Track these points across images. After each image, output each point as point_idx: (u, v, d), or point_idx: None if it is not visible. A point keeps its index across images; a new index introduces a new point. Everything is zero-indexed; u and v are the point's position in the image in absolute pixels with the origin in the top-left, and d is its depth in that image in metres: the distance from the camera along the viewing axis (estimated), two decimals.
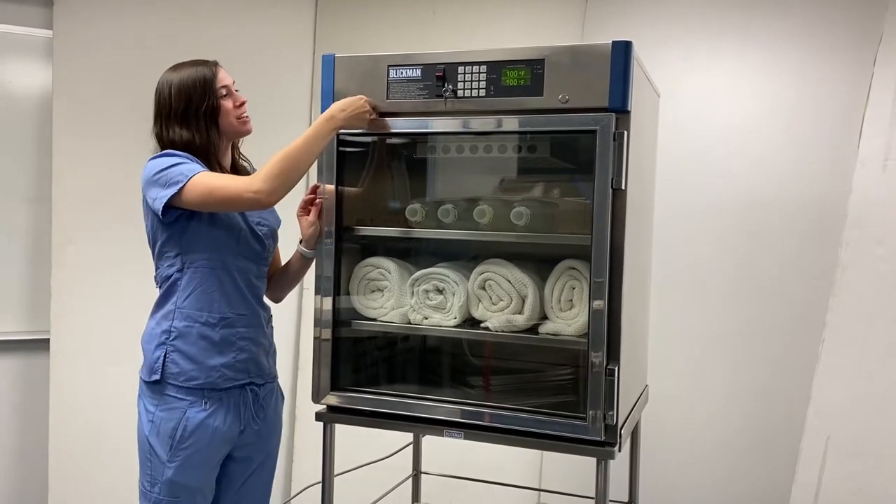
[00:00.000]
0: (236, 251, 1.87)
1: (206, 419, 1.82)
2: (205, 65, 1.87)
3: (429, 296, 2.02)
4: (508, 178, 2.14)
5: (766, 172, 2.70)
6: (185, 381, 1.82)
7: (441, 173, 2.21)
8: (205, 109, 1.83)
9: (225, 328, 1.85)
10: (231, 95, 1.88)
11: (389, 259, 2.09)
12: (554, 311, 1.94)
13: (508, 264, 1.97)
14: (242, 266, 1.89)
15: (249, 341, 1.89)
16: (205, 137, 1.85)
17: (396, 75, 1.94)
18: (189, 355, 1.82)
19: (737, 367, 2.73)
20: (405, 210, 2.05)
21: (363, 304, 2.08)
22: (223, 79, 1.88)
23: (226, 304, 1.85)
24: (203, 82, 1.84)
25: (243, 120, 1.90)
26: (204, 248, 1.84)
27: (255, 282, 1.93)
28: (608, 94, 1.75)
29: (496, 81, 1.85)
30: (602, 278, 1.76)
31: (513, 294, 1.95)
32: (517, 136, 2.00)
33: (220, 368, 1.84)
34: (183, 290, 1.84)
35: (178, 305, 1.84)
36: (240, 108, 1.89)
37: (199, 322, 1.83)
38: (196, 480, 1.83)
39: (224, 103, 1.86)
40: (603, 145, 1.75)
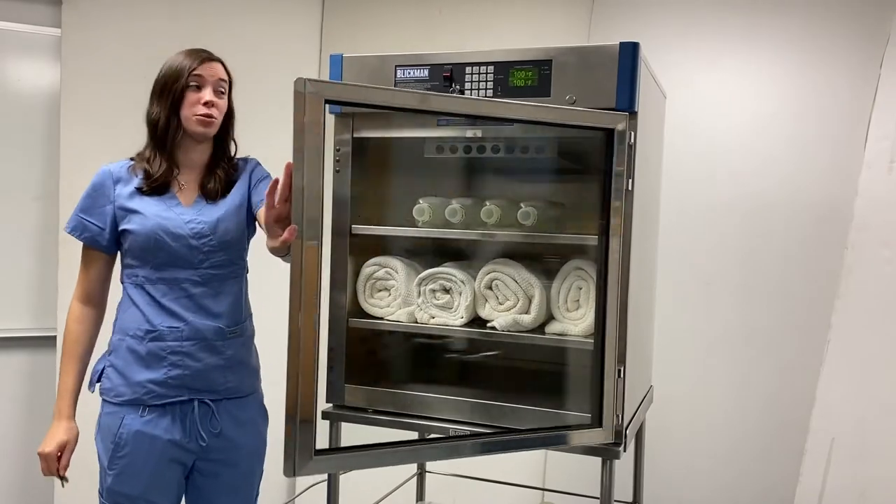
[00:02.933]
0: (159, 261, 1.76)
1: (144, 427, 1.74)
2: (197, 53, 1.79)
3: (435, 295, 2.03)
4: (515, 178, 2.14)
5: (772, 174, 2.70)
6: (114, 397, 1.77)
7: (448, 173, 2.21)
8: (171, 92, 1.76)
9: (152, 342, 1.76)
10: (201, 89, 1.77)
11: (396, 258, 2.09)
12: (561, 312, 1.94)
13: (515, 264, 1.98)
14: (171, 276, 1.77)
15: (185, 356, 1.76)
16: (165, 122, 1.77)
17: (404, 75, 1.95)
18: (118, 369, 1.78)
19: (741, 368, 2.74)
20: (412, 210, 2.06)
21: (370, 303, 2.09)
22: (203, 70, 1.76)
23: (156, 315, 1.76)
24: (180, 66, 1.77)
25: (200, 119, 1.75)
26: (128, 263, 1.80)
27: (198, 290, 1.78)
28: (616, 94, 1.76)
29: (503, 82, 1.86)
30: (608, 278, 1.76)
31: (519, 294, 1.96)
32: (523, 137, 2.00)
33: (148, 384, 1.74)
34: (122, 303, 1.82)
35: (117, 318, 1.83)
36: (203, 105, 1.75)
37: (129, 335, 1.77)
38: (135, 489, 1.75)
39: (188, 93, 1.76)
40: (610, 147, 1.75)
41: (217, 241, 1.79)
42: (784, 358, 2.69)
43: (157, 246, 1.75)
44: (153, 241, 1.75)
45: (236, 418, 1.83)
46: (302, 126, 1.44)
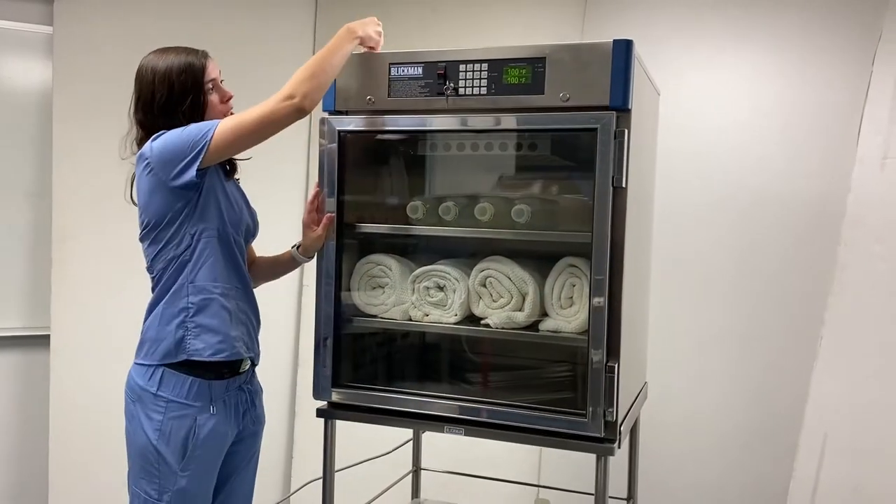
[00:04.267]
0: (238, 226, 1.83)
1: (217, 425, 1.78)
2: (194, 54, 1.78)
3: (429, 293, 2.03)
4: (509, 175, 2.15)
5: (765, 171, 2.71)
6: (211, 356, 1.74)
7: (442, 171, 2.21)
8: (190, 103, 1.75)
9: (235, 298, 1.81)
10: (217, 90, 1.81)
11: (390, 256, 2.09)
12: (554, 309, 1.95)
13: (509, 261, 1.98)
14: (240, 241, 1.85)
15: (247, 314, 1.85)
16: None
17: (398, 73, 1.95)
18: (212, 328, 1.75)
19: (735, 364, 2.75)
20: (406, 207, 2.06)
21: (364, 300, 2.09)
22: (211, 72, 1.79)
23: (234, 272, 1.81)
24: (191, 73, 1.75)
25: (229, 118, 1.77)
26: (214, 218, 1.77)
27: (242, 257, 1.87)
28: (609, 92, 1.76)
29: (497, 79, 1.86)
30: (602, 276, 1.77)
31: (513, 291, 1.96)
32: (517, 135, 2.00)
33: (240, 339, 1.80)
34: (193, 264, 1.76)
35: (189, 280, 1.76)
36: (226, 103, 1.81)
37: (216, 293, 1.77)
38: (205, 487, 1.81)
39: (210, 98, 1.78)
40: (603, 143, 1.75)
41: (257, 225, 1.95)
42: (777, 354, 2.70)
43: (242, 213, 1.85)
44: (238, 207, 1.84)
45: (256, 397, 1.93)
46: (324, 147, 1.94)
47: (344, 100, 1.99)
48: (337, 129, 1.97)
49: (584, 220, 1.86)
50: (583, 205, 1.93)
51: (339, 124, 1.97)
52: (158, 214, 1.77)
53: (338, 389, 2.01)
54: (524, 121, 1.85)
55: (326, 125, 1.98)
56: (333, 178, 1.96)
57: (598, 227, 1.76)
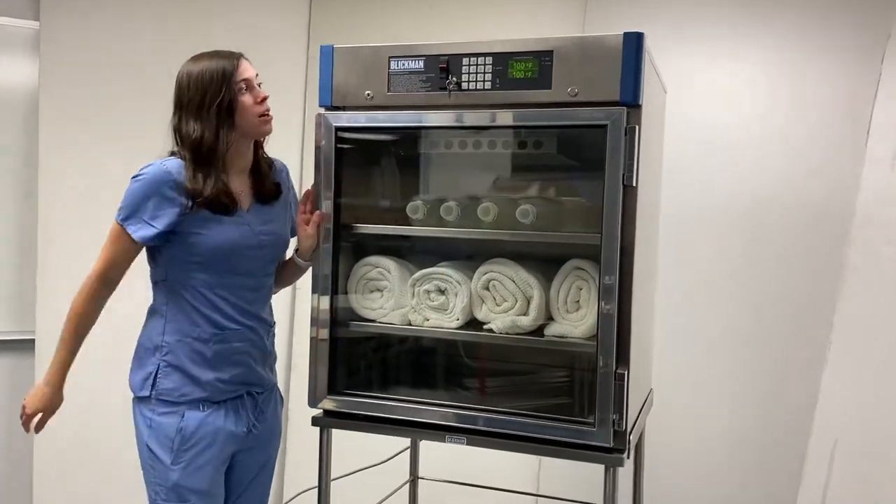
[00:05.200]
0: (225, 269, 1.77)
1: (206, 418, 1.76)
2: (226, 57, 1.76)
3: (430, 296, 1.95)
4: (513, 174, 2.07)
5: (772, 170, 2.64)
6: (178, 397, 1.76)
7: (443, 169, 2.14)
8: (220, 103, 1.71)
9: (218, 343, 1.78)
10: (252, 90, 1.77)
11: (389, 258, 2.02)
12: (560, 313, 1.87)
13: (513, 264, 1.91)
14: (235, 283, 1.79)
15: (245, 355, 1.82)
16: (214, 134, 1.72)
17: (398, 67, 1.87)
18: (182, 370, 1.76)
19: (742, 368, 2.68)
20: (406, 207, 1.98)
21: (362, 304, 2.01)
22: (244, 71, 1.76)
23: (221, 318, 1.78)
24: (221, 75, 1.73)
25: (264, 118, 1.78)
26: (188, 271, 1.76)
27: (251, 294, 1.83)
28: (619, 87, 1.69)
29: (502, 74, 1.78)
30: (612, 279, 1.70)
31: (518, 295, 1.89)
32: (523, 132, 1.93)
33: (215, 383, 1.78)
34: (173, 307, 1.78)
35: (167, 318, 1.78)
36: (261, 104, 1.77)
37: (192, 337, 1.77)
38: (203, 482, 1.76)
39: (242, 99, 1.74)
40: (613, 140, 1.68)
41: (277, 251, 1.89)
42: (785, 358, 2.63)
43: (229, 256, 1.76)
44: (226, 252, 1.76)
45: (269, 406, 1.91)
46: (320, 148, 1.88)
47: (341, 95, 1.91)
48: (333, 125, 1.90)
49: (591, 220, 1.79)
50: (590, 205, 1.86)
51: (336, 121, 1.90)
52: None
53: (333, 397, 1.93)
54: (530, 117, 1.77)
55: (322, 121, 1.91)
56: (330, 178, 1.88)
57: (608, 229, 1.69)
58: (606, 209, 1.69)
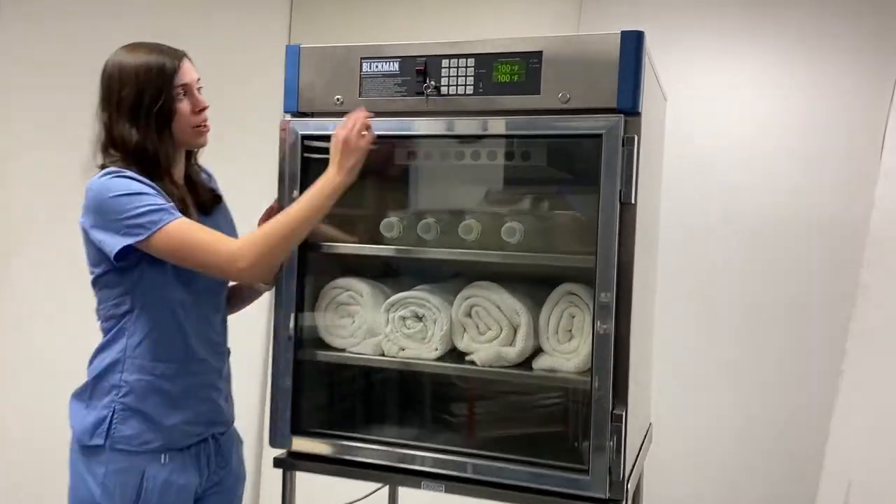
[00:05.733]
0: (196, 287, 1.59)
1: (170, 477, 1.55)
2: (168, 54, 1.54)
3: (406, 323, 1.76)
4: (498, 188, 1.88)
5: (779, 185, 2.46)
6: (138, 445, 1.53)
7: (421, 183, 1.94)
8: (157, 109, 1.52)
9: (184, 378, 1.58)
10: (191, 96, 1.56)
11: (361, 280, 1.82)
12: (550, 344, 1.68)
13: (498, 288, 1.71)
14: (203, 301, 1.62)
15: (210, 389, 1.64)
16: (156, 143, 1.53)
17: (371, 69, 1.69)
18: (143, 413, 1.54)
19: (747, 400, 2.49)
20: (380, 224, 1.79)
21: (331, 331, 1.82)
22: (185, 74, 1.55)
23: (185, 349, 1.58)
24: (160, 74, 1.52)
25: (200, 129, 1.58)
26: (159, 289, 1.55)
27: (214, 315, 1.66)
28: (616, 92, 1.51)
29: (486, 77, 1.60)
30: (608, 308, 1.51)
31: (503, 323, 1.69)
32: (509, 142, 1.74)
33: (181, 426, 1.57)
34: (134, 334, 1.55)
35: (127, 354, 1.55)
36: (199, 114, 1.58)
37: (154, 374, 1.55)
38: None
39: (180, 106, 1.54)
40: (609, 152, 1.50)
41: None
42: (794, 390, 2.44)
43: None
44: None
45: (231, 449, 1.72)
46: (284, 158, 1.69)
47: (307, 100, 1.73)
48: (299, 133, 1.71)
49: (585, 240, 1.60)
50: (584, 223, 1.68)
51: (302, 128, 1.71)
52: (92, 260, 1.57)
53: (298, 437, 1.73)
54: (517, 125, 1.59)
55: (287, 129, 1.72)
56: (295, 190, 1.68)
57: (603, 250, 1.51)
58: (602, 228, 1.51)
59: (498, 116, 1.60)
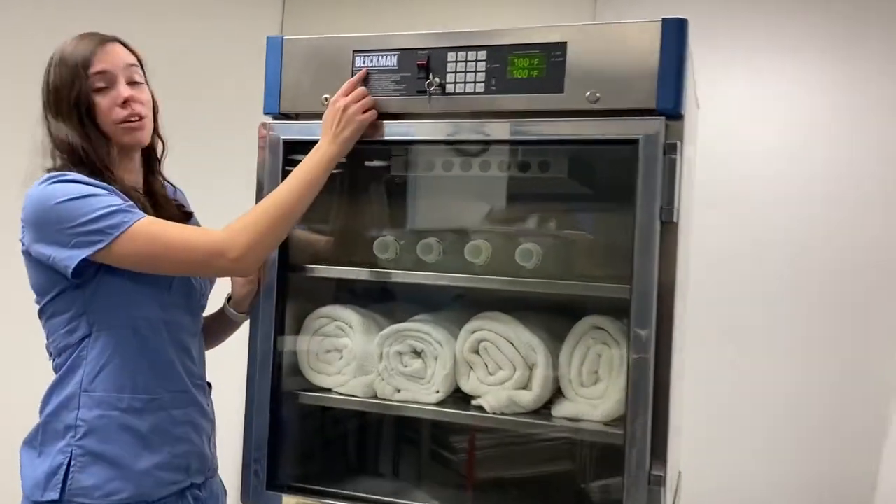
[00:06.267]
0: (167, 301, 1.36)
1: None
2: (89, 41, 1.34)
3: (403, 360, 1.51)
4: (510, 204, 1.63)
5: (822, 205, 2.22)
6: (104, 498, 1.28)
7: (422, 196, 1.69)
8: (75, 103, 1.31)
9: (155, 412, 1.34)
10: (111, 88, 1.33)
11: (351, 308, 1.57)
12: (573, 387, 1.43)
13: (511, 320, 1.46)
14: (176, 320, 1.38)
15: (188, 426, 1.39)
16: (87, 141, 1.31)
17: (365, 64, 1.45)
18: (108, 458, 1.29)
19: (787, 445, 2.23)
20: (373, 244, 1.54)
21: (315, 368, 1.56)
22: (101, 61, 1.32)
23: (155, 376, 1.34)
24: (73, 66, 1.31)
25: (127, 126, 1.34)
26: (121, 304, 1.32)
27: (190, 341, 1.42)
28: (656, 91, 1.27)
29: (500, 73, 1.36)
30: (645, 344, 1.26)
31: (517, 361, 1.44)
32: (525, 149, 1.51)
33: (153, 472, 1.32)
34: (92, 363, 1.31)
35: (84, 387, 1.30)
36: (123, 106, 1.33)
37: (119, 408, 1.31)
38: None
39: (98, 99, 1.32)
40: (648, 161, 1.26)
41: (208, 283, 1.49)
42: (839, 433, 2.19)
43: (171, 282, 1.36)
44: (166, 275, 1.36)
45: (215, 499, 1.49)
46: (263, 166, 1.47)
47: (291, 100, 1.50)
48: (281, 138, 1.48)
49: (615, 265, 1.36)
50: (614, 244, 1.43)
51: (285, 132, 1.48)
52: (38, 284, 1.34)
53: (275, 492, 1.47)
54: (536, 129, 1.34)
55: (267, 133, 1.49)
56: None
57: (640, 277, 1.27)
58: (638, 251, 1.27)
59: (514, 119, 1.35)
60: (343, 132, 1.39)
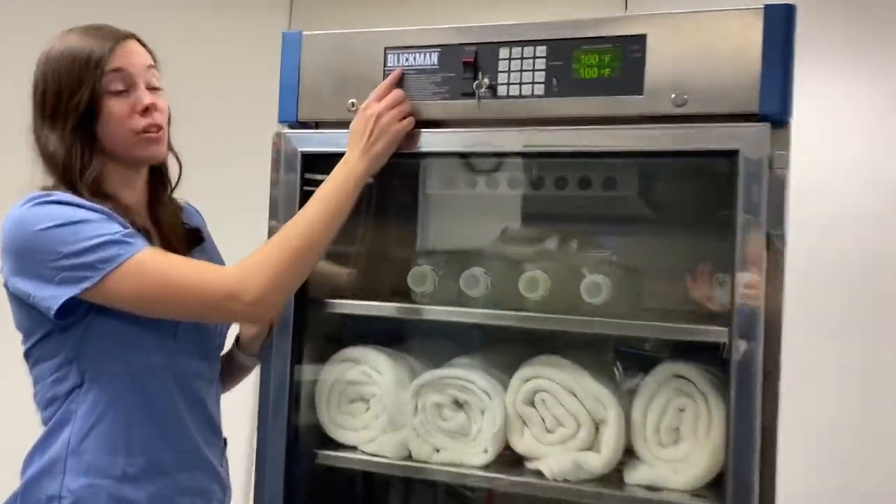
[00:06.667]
0: (173, 347, 1.15)
1: None
2: (102, 37, 1.13)
3: (442, 413, 1.27)
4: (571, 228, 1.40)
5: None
6: None
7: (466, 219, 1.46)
8: (78, 107, 1.10)
9: (156, 479, 1.12)
10: (132, 91, 1.13)
11: (378, 350, 1.34)
12: (650, 448, 1.19)
13: (573, 367, 1.22)
14: (185, 368, 1.17)
15: (197, 496, 1.17)
16: (83, 156, 1.11)
17: (399, 63, 1.23)
18: None
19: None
20: (408, 275, 1.31)
21: (337, 422, 1.33)
22: (120, 58, 1.12)
23: (157, 434, 1.14)
24: (84, 64, 1.10)
25: (145, 137, 1.14)
26: (117, 349, 1.11)
27: (204, 391, 1.21)
28: (759, 91, 1.05)
29: (563, 72, 1.15)
30: (749, 402, 1.03)
31: (581, 417, 1.20)
32: (583, 165, 1.28)
33: None
34: (82, 418, 1.10)
35: (71, 448, 1.09)
36: (143, 114, 1.13)
37: (112, 476, 1.09)
38: None
39: (110, 103, 1.11)
40: (751, 175, 1.04)
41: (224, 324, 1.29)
42: None
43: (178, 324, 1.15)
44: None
45: None
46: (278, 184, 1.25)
47: (311, 105, 1.28)
48: (299, 150, 1.26)
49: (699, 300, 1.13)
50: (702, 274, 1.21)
51: (303, 143, 1.26)
52: (21, 324, 1.15)
53: None
54: (610, 139, 1.12)
55: (283, 145, 1.27)
56: None
57: (743, 317, 1.03)
58: (740, 284, 1.04)
59: (581, 128, 1.13)
60: (375, 145, 1.17)
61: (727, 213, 1.07)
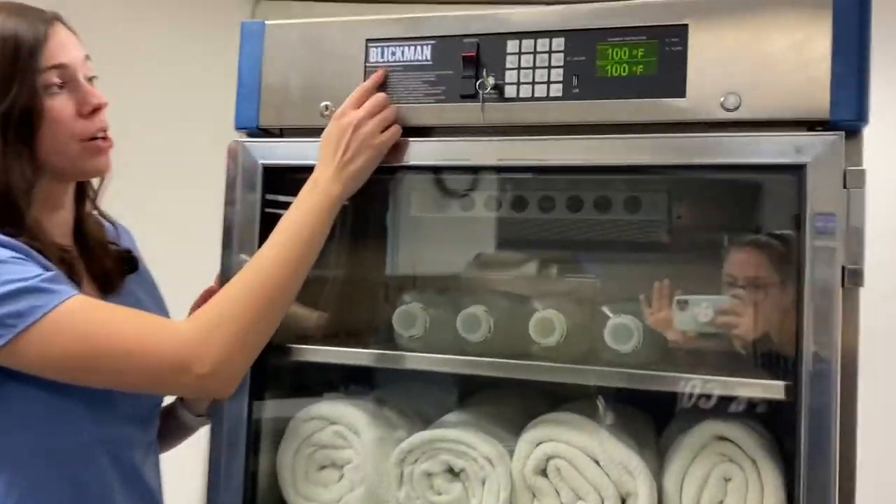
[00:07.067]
0: (104, 416, 0.94)
1: None
2: (30, 19, 0.90)
3: (434, 484, 1.04)
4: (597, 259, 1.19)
5: None
6: None
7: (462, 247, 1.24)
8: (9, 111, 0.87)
9: None
10: (74, 89, 0.91)
11: (355, 405, 1.10)
12: None
13: (593, 426, 1.01)
14: (118, 437, 0.96)
15: None
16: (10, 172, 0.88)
17: (384, 58, 1.02)
18: None
19: None
20: (393, 314, 1.08)
21: (305, 494, 1.09)
22: (60, 51, 0.91)
23: None
24: (13, 52, 0.87)
25: (93, 145, 0.93)
26: (32, 424, 0.90)
27: (140, 459, 0.99)
28: (829, 94, 0.86)
29: (587, 68, 0.94)
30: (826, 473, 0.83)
31: (604, 489, 0.98)
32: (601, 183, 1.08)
33: None
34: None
35: None
36: (90, 117, 0.92)
37: None
38: None
39: (51, 104, 0.89)
40: (821, 195, 0.85)
41: None
42: None
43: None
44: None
45: None
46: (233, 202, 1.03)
47: (275, 109, 1.06)
48: (260, 162, 1.03)
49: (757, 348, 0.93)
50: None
51: (265, 155, 1.04)
52: None
53: None
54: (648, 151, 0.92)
55: (240, 156, 1.04)
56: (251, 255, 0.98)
57: (811, 367, 0.84)
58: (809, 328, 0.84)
59: (607, 137, 0.93)
60: (353, 162, 0.95)
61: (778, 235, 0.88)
